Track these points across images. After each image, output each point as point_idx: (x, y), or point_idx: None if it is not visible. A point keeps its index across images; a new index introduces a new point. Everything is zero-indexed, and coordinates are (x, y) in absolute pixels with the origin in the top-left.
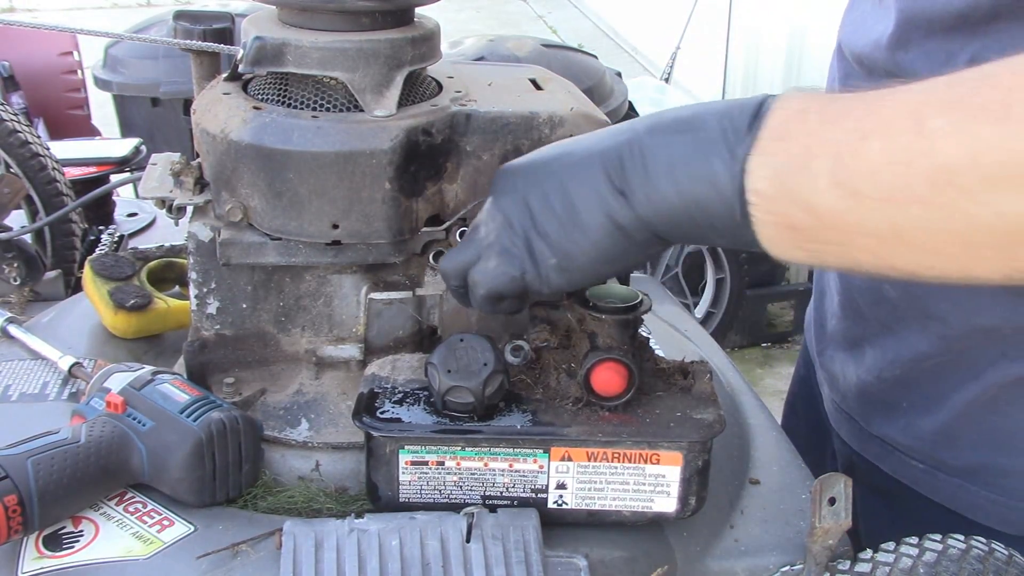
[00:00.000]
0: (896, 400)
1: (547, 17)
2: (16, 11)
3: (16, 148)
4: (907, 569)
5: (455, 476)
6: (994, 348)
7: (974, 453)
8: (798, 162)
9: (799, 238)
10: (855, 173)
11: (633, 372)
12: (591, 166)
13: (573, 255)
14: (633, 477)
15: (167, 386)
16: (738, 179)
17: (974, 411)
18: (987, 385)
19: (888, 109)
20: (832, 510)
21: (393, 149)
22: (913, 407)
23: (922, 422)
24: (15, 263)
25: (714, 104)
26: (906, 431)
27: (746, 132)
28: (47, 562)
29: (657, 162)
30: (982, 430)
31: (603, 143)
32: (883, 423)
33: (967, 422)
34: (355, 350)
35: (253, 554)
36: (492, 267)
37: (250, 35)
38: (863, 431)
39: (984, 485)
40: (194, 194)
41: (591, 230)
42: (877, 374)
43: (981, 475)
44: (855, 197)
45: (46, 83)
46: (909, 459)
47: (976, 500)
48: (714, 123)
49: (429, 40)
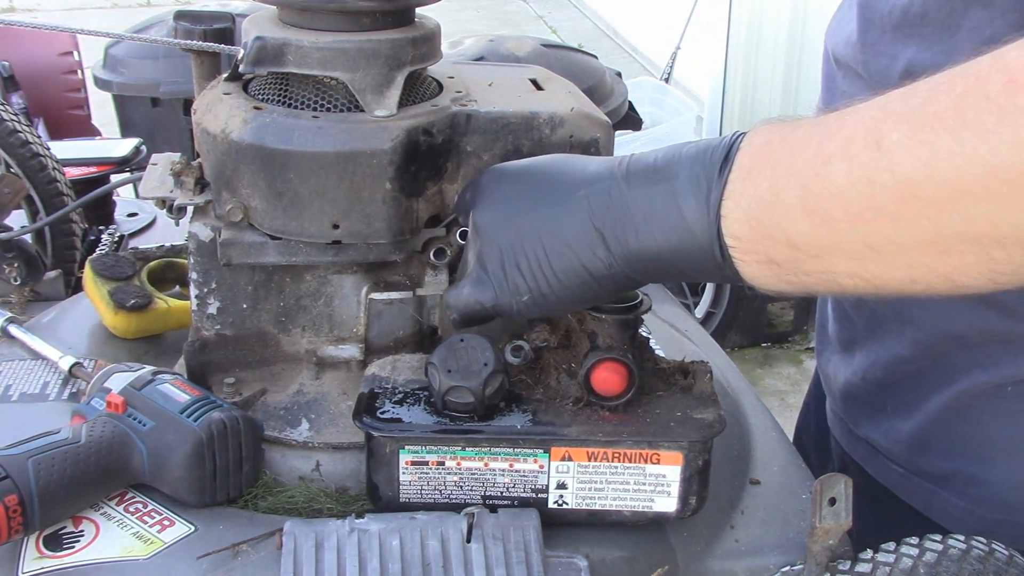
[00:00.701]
0: (880, 403)
1: (547, 17)
2: (16, 11)
3: (16, 148)
4: (907, 569)
5: (455, 476)
6: (967, 356)
7: (946, 460)
8: (767, 197)
9: (782, 271)
10: (823, 198)
11: (633, 372)
12: (571, 212)
13: (547, 294)
14: (633, 477)
15: (167, 386)
16: (714, 226)
17: (948, 417)
18: (960, 392)
19: (848, 129)
20: (832, 510)
21: (394, 149)
22: (894, 410)
23: (901, 425)
24: (15, 263)
25: (688, 147)
26: (887, 434)
27: (717, 177)
28: (47, 562)
29: (635, 214)
30: (954, 437)
31: (584, 186)
32: (868, 426)
33: (941, 428)
34: (355, 350)
35: (253, 554)
36: (465, 294)
37: (251, 35)
38: (851, 433)
39: (954, 492)
40: (194, 194)
41: (566, 276)
42: (862, 376)
43: (951, 482)
44: (828, 223)
45: (46, 83)
46: (889, 462)
47: (947, 507)
48: (686, 170)
49: (429, 40)
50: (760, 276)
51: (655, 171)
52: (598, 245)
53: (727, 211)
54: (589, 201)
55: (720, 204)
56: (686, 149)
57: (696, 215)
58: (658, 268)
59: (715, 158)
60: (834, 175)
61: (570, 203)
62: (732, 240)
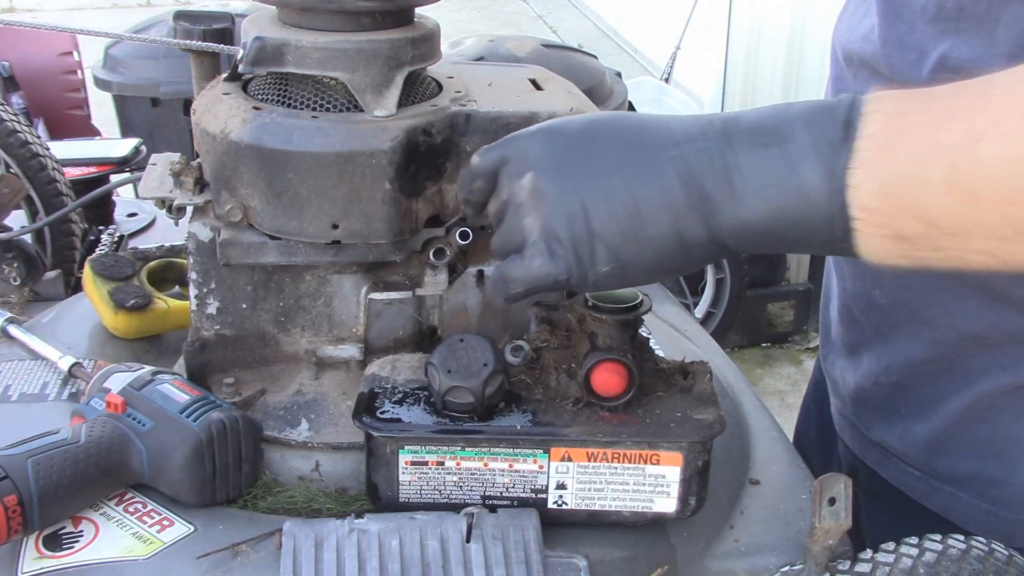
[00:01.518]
0: (894, 406)
1: (547, 17)
2: (16, 11)
3: (16, 148)
4: (907, 569)
5: (455, 476)
6: (987, 356)
7: (966, 461)
8: (907, 170)
9: (909, 247)
10: (973, 178)
11: (633, 372)
12: (663, 174)
13: (630, 264)
14: (633, 477)
15: (167, 386)
16: (839, 196)
17: (967, 419)
18: (980, 394)
19: (997, 105)
20: (832, 510)
21: (393, 149)
22: (909, 413)
23: (917, 428)
24: (15, 263)
25: (795, 107)
26: (903, 438)
27: (841, 143)
28: (47, 562)
29: (744, 179)
30: (974, 439)
31: (675, 146)
32: (882, 429)
33: (960, 430)
34: (355, 350)
35: (253, 554)
36: (535, 266)
37: (250, 35)
38: (863, 437)
39: (975, 494)
40: (194, 194)
41: (656, 243)
42: (874, 380)
43: (972, 484)
44: (974, 202)
45: (46, 83)
46: (906, 466)
47: (968, 509)
48: (802, 134)
49: (429, 40)
50: (880, 250)
51: (764, 133)
52: (695, 212)
53: (856, 181)
54: (686, 163)
55: (847, 173)
56: (795, 110)
57: (818, 183)
58: (762, 238)
59: (835, 122)
60: (987, 154)
61: (660, 164)
62: (860, 212)
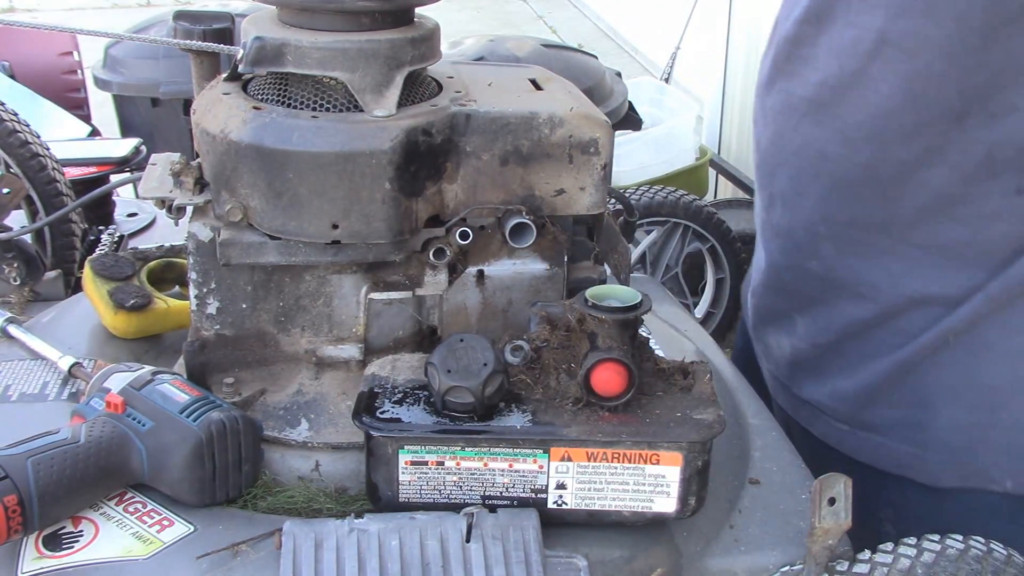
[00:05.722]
0: (825, 367)
1: (547, 17)
2: (16, 11)
3: (16, 148)
4: (905, 570)
5: (455, 476)
6: (924, 314)
7: (894, 410)
8: None
9: None
10: None
11: (633, 372)
12: None
13: None
14: (633, 477)
15: (167, 386)
16: None
17: (899, 373)
18: (915, 349)
19: None
20: (832, 510)
21: (393, 149)
22: (841, 371)
23: (845, 384)
24: (15, 263)
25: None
26: (831, 395)
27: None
28: (47, 562)
29: None
30: (903, 390)
31: None
32: (812, 388)
33: (890, 383)
34: (355, 350)
35: (253, 554)
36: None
37: (250, 35)
38: (795, 397)
39: (902, 440)
40: (194, 194)
41: None
42: (811, 341)
43: (898, 431)
44: None
45: (46, 83)
46: (834, 421)
47: (895, 455)
48: None
49: (429, 40)
50: None
51: None
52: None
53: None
54: None
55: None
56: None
57: None
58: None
59: None
60: None
61: None
62: None
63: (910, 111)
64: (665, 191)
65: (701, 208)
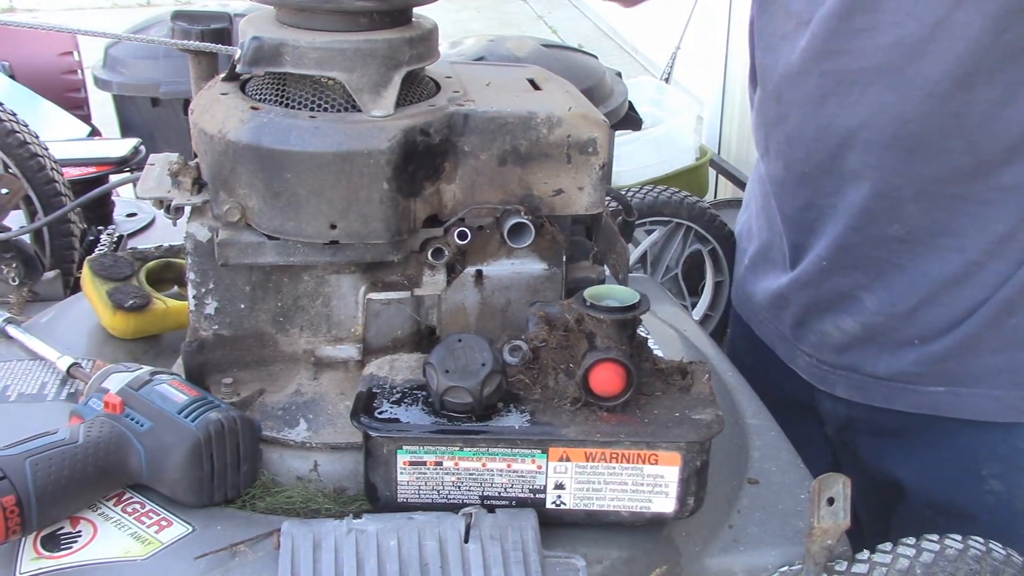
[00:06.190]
0: (907, 333)
1: (547, 17)
2: (16, 11)
3: (15, 148)
4: (904, 570)
5: (453, 476)
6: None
7: (996, 356)
8: None
9: None
10: None
11: (631, 372)
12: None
13: None
14: (631, 477)
15: (165, 386)
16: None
17: (996, 316)
18: (1011, 290)
19: None
20: (831, 510)
21: (391, 149)
22: (926, 333)
23: (934, 345)
24: (14, 263)
25: None
26: (918, 361)
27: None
28: (45, 562)
29: None
30: (1003, 332)
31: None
32: (891, 361)
33: (987, 329)
34: (353, 350)
35: (251, 554)
36: None
37: (248, 35)
38: (866, 379)
39: (1010, 385)
40: (192, 194)
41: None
42: (888, 312)
43: (1005, 375)
44: None
45: (46, 83)
46: (926, 387)
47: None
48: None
49: (427, 40)
50: None
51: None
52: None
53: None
54: None
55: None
56: None
57: None
58: None
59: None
60: None
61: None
62: None
63: (997, 48)
64: (669, 191)
65: (704, 210)
